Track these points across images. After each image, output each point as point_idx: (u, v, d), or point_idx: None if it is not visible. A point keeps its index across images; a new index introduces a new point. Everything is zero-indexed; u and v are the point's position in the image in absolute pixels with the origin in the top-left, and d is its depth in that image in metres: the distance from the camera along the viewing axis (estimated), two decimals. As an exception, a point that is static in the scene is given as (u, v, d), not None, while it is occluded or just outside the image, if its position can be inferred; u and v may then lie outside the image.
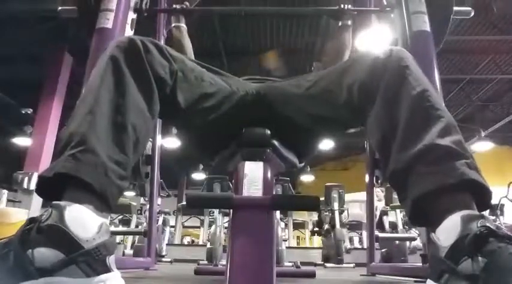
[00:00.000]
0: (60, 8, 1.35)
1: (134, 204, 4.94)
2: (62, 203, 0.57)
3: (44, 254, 0.50)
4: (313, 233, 5.43)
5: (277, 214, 3.55)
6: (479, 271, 0.49)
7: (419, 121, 0.69)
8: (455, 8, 1.29)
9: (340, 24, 1.50)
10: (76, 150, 0.62)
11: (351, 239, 6.10)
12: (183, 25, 1.50)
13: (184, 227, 6.27)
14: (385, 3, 1.55)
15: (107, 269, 0.56)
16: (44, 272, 0.50)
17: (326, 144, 7.20)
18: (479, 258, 0.49)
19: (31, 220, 0.54)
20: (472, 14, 1.35)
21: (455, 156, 0.64)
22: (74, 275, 0.51)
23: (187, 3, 1.53)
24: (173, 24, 1.51)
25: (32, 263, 0.50)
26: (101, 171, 0.62)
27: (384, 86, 0.76)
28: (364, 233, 5.22)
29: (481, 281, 0.48)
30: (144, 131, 0.74)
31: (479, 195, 0.62)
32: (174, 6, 1.55)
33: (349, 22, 1.49)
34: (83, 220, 0.56)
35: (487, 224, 0.53)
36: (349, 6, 1.50)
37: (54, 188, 0.62)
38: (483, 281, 0.48)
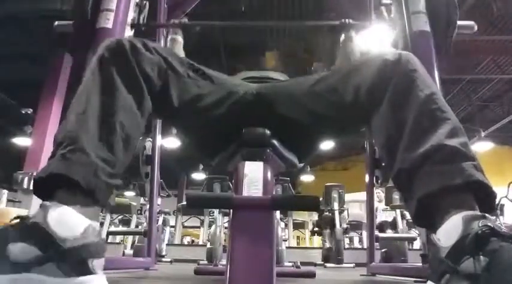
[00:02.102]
0: (56, 23, 1.35)
1: (134, 204, 4.93)
2: (49, 203, 0.57)
3: (19, 249, 0.50)
4: (313, 233, 5.43)
5: (277, 214, 3.56)
6: (480, 270, 0.48)
7: (427, 123, 0.70)
8: (459, 23, 1.28)
9: (343, 37, 1.49)
10: (66, 150, 0.64)
11: (351, 239, 6.11)
12: (179, 38, 1.51)
13: (184, 227, 6.28)
14: (385, 3, 1.55)
15: (89, 272, 0.55)
16: (20, 268, 0.50)
17: (326, 144, 7.19)
18: (481, 257, 0.49)
19: (18, 217, 0.55)
20: (476, 29, 1.34)
21: (463, 157, 0.64)
22: (51, 274, 0.51)
23: (185, 19, 1.53)
24: (169, 37, 1.52)
25: (7, 257, 0.50)
26: (90, 169, 0.64)
27: (392, 89, 0.77)
28: (364, 233, 5.22)
29: (482, 280, 0.48)
30: (133, 129, 0.75)
31: (484, 197, 0.63)
32: (172, 20, 1.54)
33: (352, 34, 1.49)
34: (67, 220, 0.56)
35: (489, 223, 0.53)
36: (350, 20, 1.49)
37: (49, 188, 0.63)
38: (485, 281, 0.48)
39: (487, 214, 0.57)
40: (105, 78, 0.74)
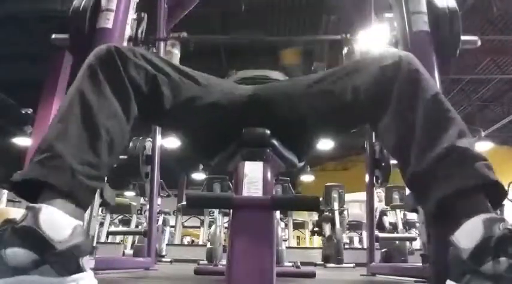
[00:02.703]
0: (53, 36, 1.35)
1: (134, 204, 4.94)
2: (37, 205, 0.59)
3: (16, 254, 0.53)
4: (313, 233, 5.43)
5: (277, 214, 3.55)
6: (503, 272, 0.51)
7: (437, 125, 0.72)
8: (463, 38, 1.29)
9: (345, 51, 1.49)
10: (43, 156, 0.67)
11: (351, 240, 6.11)
12: (176, 51, 1.53)
13: (184, 227, 6.28)
14: (385, 3, 1.54)
15: (80, 269, 0.58)
16: (18, 271, 0.52)
17: (326, 144, 7.20)
18: (504, 259, 0.52)
19: (7, 221, 0.56)
20: (479, 43, 1.34)
21: (474, 158, 0.67)
22: (47, 275, 0.54)
23: (185, 33, 1.55)
24: (167, 49, 1.53)
25: (5, 262, 0.52)
26: (68, 173, 0.66)
27: (397, 91, 0.78)
28: (364, 233, 5.21)
29: (504, 281, 0.51)
30: (118, 133, 0.77)
31: (495, 195, 0.66)
32: (171, 34, 1.55)
33: (354, 46, 1.48)
34: (57, 222, 0.58)
35: (509, 226, 0.55)
36: (349, 35, 1.49)
37: (29, 191, 0.66)
38: (507, 282, 0.51)
39: (505, 217, 0.59)
40: (93, 83, 0.76)
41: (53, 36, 1.34)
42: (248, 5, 5.01)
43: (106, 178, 0.90)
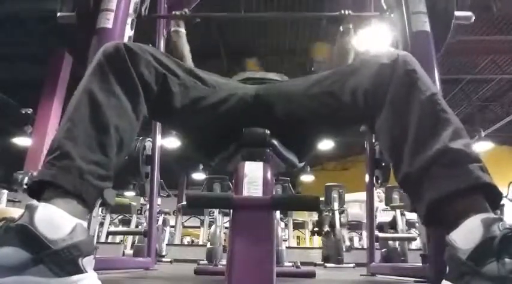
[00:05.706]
0: (58, 14, 1.35)
1: (134, 204, 4.94)
2: (35, 204, 0.58)
3: (8, 253, 0.51)
4: (313, 233, 5.43)
5: (277, 214, 3.56)
6: (506, 273, 0.50)
7: (431, 125, 0.71)
8: (456, 13, 1.29)
9: (341, 29, 1.48)
10: (52, 157, 0.67)
11: (351, 239, 6.10)
12: (182, 30, 1.53)
13: (184, 227, 6.28)
14: (385, 3, 1.55)
15: (80, 270, 0.56)
16: (11, 271, 0.50)
17: (326, 144, 7.20)
18: (507, 260, 0.51)
19: (4, 220, 0.55)
20: (473, 19, 1.35)
21: (469, 159, 0.66)
22: (43, 275, 0.51)
23: (186, 10, 1.54)
24: (172, 29, 1.52)
25: None
26: (75, 173, 0.65)
27: (392, 91, 0.78)
28: (364, 233, 5.21)
29: (508, 282, 0.50)
30: (128, 131, 0.76)
31: (491, 197, 0.64)
32: (173, 12, 1.55)
33: (350, 26, 1.48)
34: (54, 221, 0.56)
35: (508, 226, 0.55)
36: (350, 11, 1.49)
37: (41, 193, 0.65)
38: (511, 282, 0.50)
39: (503, 217, 0.58)
40: (102, 81, 0.75)
41: (58, 14, 1.34)
42: (247, 7, 5.01)
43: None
